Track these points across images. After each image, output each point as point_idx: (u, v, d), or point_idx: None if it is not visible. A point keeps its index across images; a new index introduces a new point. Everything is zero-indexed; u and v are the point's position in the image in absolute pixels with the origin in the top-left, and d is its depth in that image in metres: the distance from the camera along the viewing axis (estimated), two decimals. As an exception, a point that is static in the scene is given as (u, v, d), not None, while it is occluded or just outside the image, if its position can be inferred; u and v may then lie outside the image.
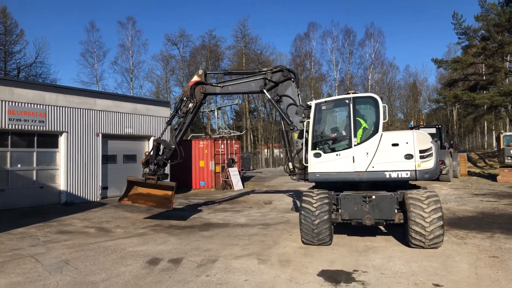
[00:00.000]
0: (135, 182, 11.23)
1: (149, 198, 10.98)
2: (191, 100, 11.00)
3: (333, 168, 7.87)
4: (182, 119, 11.11)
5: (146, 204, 11.01)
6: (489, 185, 19.79)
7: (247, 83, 10.78)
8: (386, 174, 7.59)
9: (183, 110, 11.10)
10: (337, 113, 8.54)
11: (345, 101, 8.12)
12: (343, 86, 56.07)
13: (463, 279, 5.72)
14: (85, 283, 5.82)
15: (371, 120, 8.02)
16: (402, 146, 7.58)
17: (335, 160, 7.86)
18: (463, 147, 49.98)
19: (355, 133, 7.86)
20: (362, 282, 5.65)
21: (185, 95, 11.08)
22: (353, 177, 7.77)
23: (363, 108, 8.27)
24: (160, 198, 10.89)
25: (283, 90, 10.29)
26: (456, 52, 48.21)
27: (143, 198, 11.02)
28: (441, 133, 22.94)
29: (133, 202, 10.99)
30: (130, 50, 53.93)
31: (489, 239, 8.29)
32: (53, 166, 15.49)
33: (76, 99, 16.05)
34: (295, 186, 21.07)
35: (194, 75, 11.49)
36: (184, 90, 11.16)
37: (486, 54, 35.91)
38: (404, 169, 7.52)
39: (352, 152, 7.78)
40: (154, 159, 10.82)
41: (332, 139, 8.30)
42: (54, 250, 7.99)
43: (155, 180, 10.73)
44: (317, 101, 8.46)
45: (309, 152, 8.12)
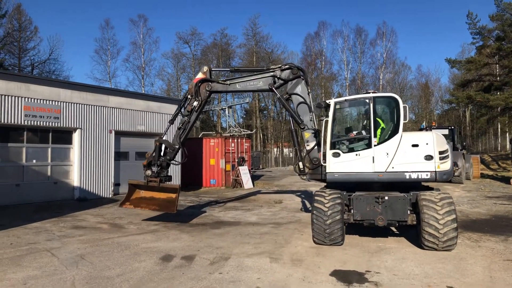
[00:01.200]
0: (137, 186, 10.78)
1: (152, 202, 10.49)
2: (196, 98, 10.51)
3: (352, 168, 7.82)
4: (187, 118, 10.58)
5: (148, 208, 10.44)
6: (503, 188, 19.53)
7: (255, 80, 10.40)
8: (406, 175, 7.60)
9: (188, 109, 10.56)
10: (356, 112, 8.48)
11: (365, 100, 8.09)
12: (354, 86, 55.76)
13: (477, 282, 5.69)
14: (100, 278, 5.92)
15: (391, 120, 8.03)
16: (422, 147, 7.61)
17: (354, 160, 7.81)
18: (476, 149, 49.33)
19: (375, 133, 7.84)
20: (375, 283, 5.65)
21: (190, 93, 10.60)
22: (372, 178, 7.74)
23: (383, 108, 8.25)
24: (163, 201, 10.41)
25: (293, 88, 9.95)
26: (470, 52, 47.63)
27: (145, 202, 10.52)
28: (453, 135, 22.70)
29: (135, 206, 10.54)
30: (142, 48, 54.42)
31: (503, 242, 8.21)
32: (67, 162, 15.72)
33: (90, 96, 16.26)
34: (305, 186, 21.06)
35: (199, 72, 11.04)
36: (189, 88, 10.71)
37: (501, 54, 35.38)
38: (424, 170, 7.55)
39: (372, 152, 7.75)
40: (157, 161, 10.30)
41: (351, 139, 8.23)
42: (69, 244, 8.13)
43: (157, 182, 10.25)
44: (336, 100, 8.33)
45: (328, 151, 8.03)
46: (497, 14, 35.48)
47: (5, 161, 13.95)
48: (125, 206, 10.55)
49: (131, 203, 10.51)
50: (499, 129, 51.37)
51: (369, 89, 22.96)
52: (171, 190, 10.54)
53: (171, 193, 10.47)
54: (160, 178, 10.32)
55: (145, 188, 10.59)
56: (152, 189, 10.52)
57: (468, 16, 36.78)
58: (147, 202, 10.50)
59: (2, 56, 41.82)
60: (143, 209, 10.58)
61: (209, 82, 10.62)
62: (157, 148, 10.38)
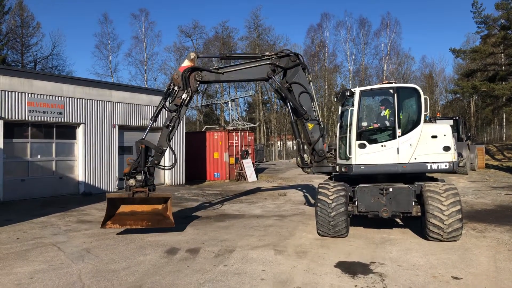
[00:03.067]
0: (119, 199, 8.69)
1: (140, 217, 8.53)
2: (185, 90, 9.01)
3: (378, 159, 7.65)
4: (175, 113, 9.05)
5: (139, 224, 8.39)
6: (508, 178, 19.43)
7: (252, 69, 9.36)
8: (427, 165, 7.64)
9: (176, 102, 9.02)
10: (380, 102, 8.29)
11: (389, 90, 7.98)
12: (358, 77, 55.47)
13: (483, 272, 5.67)
14: (106, 271, 5.96)
15: (413, 111, 7.98)
16: (440, 138, 7.69)
17: (380, 152, 7.65)
18: (481, 139, 49.02)
19: (399, 123, 7.76)
20: (380, 274, 5.66)
21: (176, 83, 9.05)
22: (397, 169, 7.67)
23: (406, 98, 8.13)
24: (155, 215, 8.61)
25: (293, 77, 9.28)
26: (475, 41, 47.24)
27: (131, 218, 8.50)
28: (458, 125, 22.56)
29: (122, 225, 8.42)
30: (144, 42, 54.39)
31: (508, 232, 8.18)
32: (72, 157, 15.79)
33: (93, 91, 16.27)
34: (308, 178, 21.05)
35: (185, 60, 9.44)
36: (174, 78, 9.10)
37: (506, 43, 35.01)
38: (443, 160, 7.63)
39: (397, 143, 7.65)
40: (143, 167, 8.57)
41: (376, 130, 8.05)
42: (75, 238, 8.19)
43: (146, 193, 8.43)
44: (362, 88, 8.05)
45: (353, 142, 7.70)
46: (502, 2, 35.02)
47: (10, 156, 14.02)
48: (107, 226, 8.27)
49: (114, 221, 8.37)
50: (504, 119, 51.01)
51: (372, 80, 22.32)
52: (159, 201, 8.74)
53: (157, 205, 8.73)
54: (149, 187, 8.61)
55: (129, 201, 8.59)
56: (136, 202, 8.61)
57: (473, 5, 36.44)
58: (134, 218, 8.52)
59: (5, 52, 41.92)
60: (132, 227, 8.45)
61: (199, 71, 9.26)
62: (142, 152, 8.68)
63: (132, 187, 8.41)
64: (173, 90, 9.12)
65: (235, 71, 9.43)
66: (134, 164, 8.64)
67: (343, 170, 8.16)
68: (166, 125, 9.14)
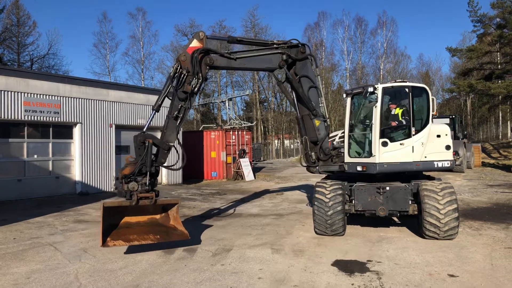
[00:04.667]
0: (119, 208, 6.89)
1: (145, 229, 7.03)
2: (194, 75, 7.53)
3: (397, 158, 7.64)
4: (183, 102, 7.55)
5: (147, 239, 6.80)
6: (504, 176, 19.53)
7: (264, 57, 8.51)
8: (435, 164, 7.78)
9: (186, 89, 7.48)
10: (390, 101, 8.15)
11: (405, 89, 8.00)
12: (355, 76, 55.54)
13: (479, 270, 5.71)
14: (103, 271, 5.96)
15: (423, 110, 8.06)
16: (443, 137, 7.91)
17: (399, 150, 7.65)
18: (477, 137, 49.23)
19: (414, 122, 7.85)
20: (377, 272, 5.68)
21: (184, 66, 7.51)
22: (412, 167, 7.74)
23: (417, 97, 8.20)
24: (159, 226, 7.18)
25: (301, 70, 8.70)
26: (471, 40, 47.26)
27: (135, 231, 6.92)
28: (454, 123, 22.62)
29: (126, 241, 6.68)
30: (141, 41, 54.15)
31: (504, 230, 8.23)
32: (68, 156, 15.74)
33: (89, 90, 16.22)
34: (306, 177, 21.08)
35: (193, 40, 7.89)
36: (180, 60, 7.54)
37: (502, 42, 35.12)
38: (446, 159, 7.85)
39: (412, 142, 7.71)
40: (149, 167, 6.94)
41: (394, 128, 7.99)
42: (72, 238, 8.18)
43: (152, 199, 6.88)
44: (384, 85, 7.89)
45: (377, 140, 7.58)
46: (498, 1, 35.15)
47: (6, 156, 13.97)
48: (110, 244, 6.52)
49: (115, 237, 6.64)
50: (501, 117, 51.24)
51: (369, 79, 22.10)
52: (162, 208, 7.32)
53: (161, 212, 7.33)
54: (155, 192, 7.05)
55: (132, 210, 7.02)
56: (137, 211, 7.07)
57: (469, 4, 36.51)
58: (139, 230, 6.98)
59: (1, 51, 41.74)
60: (141, 243, 6.75)
61: (211, 54, 7.89)
62: (148, 148, 6.97)
63: (135, 192, 6.72)
64: (180, 75, 7.52)
65: (248, 58, 8.43)
66: (138, 163, 6.87)
67: (360, 169, 7.84)
68: (174, 116, 7.52)
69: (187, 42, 7.65)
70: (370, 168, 7.62)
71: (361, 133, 8.25)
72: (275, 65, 8.58)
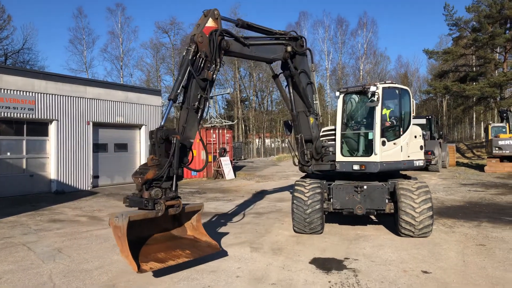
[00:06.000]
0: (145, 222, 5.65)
1: (167, 244, 5.95)
2: (212, 61, 6.44)
3: (391, 157, 7.82)
4: (201, 91, 6.36)
5: (181, 256, 5.70)
6: (477, 175, 20.14)
7: (272, 46, 7.81)
8: (415, 163, 8.16)
9: (207, 77, 6.36)
10: (387, 100, 8.22)
11: (395, 90, 8.13)
12: (335, 76, 56.16)
13: (451, 266, 5.87)
14: (78, 271, 5.84)
15: (406, 111, 8.26)
16: (418, 138, 8.31)
17: (392, 149, 7.84)
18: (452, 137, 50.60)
19: (402, 123, 8.08)
20: (353, 270, 5.77)
21: (201, 49, 6.28)
22: (401, 166, 7.97)
23: (402, 99, 8.37)
24: (178, 238, 6.18)
25: (300, 64, 8.26)
26: (448, 43, 48.57)
27: (159, 248, 5.79)
28: (431, 124, 23.20)
29: (161, 262, 5.45)
30: (120, 38, 53.23)
31: (476, 227, 8.49)
32: (43, 154, 15.35)
33: (66, 86, 15.85)
34: (286, 176, 21.22)
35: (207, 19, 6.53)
36: (195, 40, 6.22)
37: (476, 45, 36.22)
38: (420, 158, 8.32)
39: (401, 142, 7.94)
40: (177, 169, 5.77)
41: (388, 128, 8.07)
42: (46, 238, 7.98)
43: (180, 206, 5.84)
44: (384, 85, 7.91)
45: (378, 139, 7.64)
46: (473, 5, 36.27)
47: (-23, 154, 13.52)
48: (147, 268, 5.24)
49: (143, 259, 5.39)
50: (474, 118, 52.85)
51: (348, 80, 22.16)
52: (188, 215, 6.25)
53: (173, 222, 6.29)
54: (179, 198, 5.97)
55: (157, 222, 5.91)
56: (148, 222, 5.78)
57: (445, 8, 37.47)
58: (168, 245, 5.93)
59: (-28, 45, 40.23)
60: (179, 261, 5.62)
61: (227, 36, 6.84)
62: (176, 146, 5.69)
63: (161, 200, 5.52)
64: (199, 59, 6.31)
65: (258, 46, 7.59)
66: (166, 165, 5.61)
67: (357, 168, 7.83)
68: (195, 108, 6.31)
69: (198, 20, 6.54)
70: (371, 167, 7.67)
71: (357, 132, 8.27)
72: (280, 57, 7.96)
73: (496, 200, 12.22)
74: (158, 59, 56.90)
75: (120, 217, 5.13)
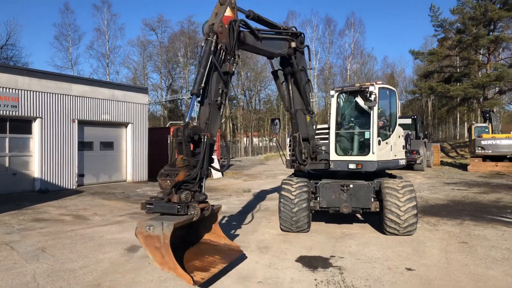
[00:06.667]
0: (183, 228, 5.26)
1: (198, 249, 5.62)
2: (231, 53, 5.99)
3: (384, 156, 7.94)
4: (223, 85, 5.94)
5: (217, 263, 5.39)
6: (460, 175, 20.53)
7: (279, 41, 7.45)
8: (400, 162, 8.44)
9: (228, 69, 5.90)
10: (381, 100, 8.24)
11: (386, 91, 8.31)
12: (322, 76, 56.47)
13: (434, 264, 5.98)
14: (62, 271, 5.76)
15: (394, 111, 8.42)
16: (401, 138, 8.57)
17: (385, 148, 7.98)
18: (437, 137, 51.43)
19: (391, 123, 8.28)
20: (339, 267, 5.83)
21: (220, 40, 5.78)
22: (390, 165, 8.13)
23: (391, 99, 8.50)
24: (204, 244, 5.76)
25: (300, 61, 8.02)
26: (433, 44, 49.22)
27: (192, 252, 5.45)
28: (416, 124, 23.54)
29: (206, 271, 5.12)
30: (106, 35, 52.61)
31: (459, 225, 8.66)
32: (27, 152, 15.06)
33: (51, 83, 15.58)
34: (273, 175, 21.28)
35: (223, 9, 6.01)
36: (218, 32, 5.73)
37: (461, 46, 36.90)
38: (403, 157, 8.65)
39: (391, 141, 8.12)
40: (207, 169, 5.55)
41: (380, 128, 8.11)
42: (29, 237, 7.85)
43: (209, 208, 5.43)
44: (380, 86, 8.03)
45: (375, 139, 7.74)
46: (457, 7, 36.89)
47: (-42, 152, 13.19)
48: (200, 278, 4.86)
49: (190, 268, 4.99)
50: (458, 118, 53.84)
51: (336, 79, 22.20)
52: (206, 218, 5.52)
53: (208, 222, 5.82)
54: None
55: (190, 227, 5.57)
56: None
57: (431, 9, 38.05)
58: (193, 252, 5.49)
59: (-47, 40, 39.17)
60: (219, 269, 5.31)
61: (244, 28, 6.33)
62: (206, 145, 5.37)
63: (194, 204, 5.08)
64: (219, 50, 5.83)
65: (269, 40, 7.16)
66: (199, 165, 5.26)
67: (353, 166, 7.83)
68: (218, 103, 5.91)
69: (214, 9, 6.06)
70: (367, 165, 7.71)
71: (352, 131, 8.32)
72: (284, 52, 7.60)
73: (478, 199, 12.48)
74: (145, 57, 56.47)
75: (158, 225, 4.57)
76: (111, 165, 18.09)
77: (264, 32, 6.96)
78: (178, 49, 56.17)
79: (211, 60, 5.61)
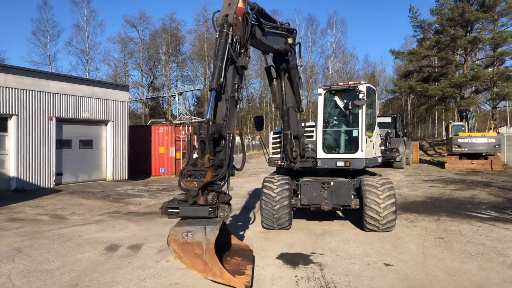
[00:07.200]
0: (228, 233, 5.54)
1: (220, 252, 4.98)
2: (244, 46, 5.72)
3: (369, 153, 8.09)
4: (238, 80, 5.66)
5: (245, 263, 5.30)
6: (438, 172, 21.01)
7: (278, 37, 7.28)
8: (378, 159, 8.68)
9: (244, 63, 5.68)
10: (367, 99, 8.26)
11: (370, 90, 8.41)
12: (305, 75, 56.78)
13: (412, 259, 6.11)
14: (39, 271, 5.64)
15: (375, 110, 8.61)
16: (379, 136, 8.87)
17: (370, 146, 8.15)
18: (416, 135, 52.48)
19: (373, 121, 8.48)
20: (319, 264, 5.89)
21: (235, 32, 5.44)
22: (372, 163, 8.31)
23: (373, 98, 8.64)
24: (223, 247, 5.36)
25: (293, 58, 7.84)
26: (412, 44, 50.16)
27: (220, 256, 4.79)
28: (396, 122, 23.96)
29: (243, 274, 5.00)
30: (86, 31, 51.52)
31: (436, 221, 8.87)
32: (2, 150, 14.63)
33: (27, 80, 15.17)
34: (256, 173, 21.29)
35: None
36: (233, 24, 5.39)
37: (439, 47, 37.71)
38: (380, 155, 8.88)
39: (373, 139, 8.31)
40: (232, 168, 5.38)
41: (368, 125, 8.21)
42: (4, 238, 7.63)
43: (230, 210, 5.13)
44: (367, 85, 8.14)
45: (363, 136, 7.83)
46: (436, 8, 37.69)
47: None
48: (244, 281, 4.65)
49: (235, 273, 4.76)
50: (437, 117, 55.04)
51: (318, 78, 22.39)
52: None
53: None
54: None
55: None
56: None
57: (410, 10, 38.72)
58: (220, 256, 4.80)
59: None
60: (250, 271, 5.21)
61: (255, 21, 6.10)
62: (229, 143, 5.25)
63: (223, 205, 4.86)
64: (235, 43, 5.51)
65: (271, 35, 6.96)
66: (225, 165, 5.11)
67: (341, 164, 7.90)
68: (235, 100, 5.62)
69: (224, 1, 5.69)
70: (356, 163, 7.81)
71: (339, 129, 8.41)
72: (282, 48, 7.46)
73: (455, 196, 12.81)
74: (126, 54, 55.64)
75: (199, 231, 4.29)
76: (91, 163, 17.77)
77: (268, 26, 6.73)
78: (160, 46, 55.59)
79: (228, 52, 5.28)
